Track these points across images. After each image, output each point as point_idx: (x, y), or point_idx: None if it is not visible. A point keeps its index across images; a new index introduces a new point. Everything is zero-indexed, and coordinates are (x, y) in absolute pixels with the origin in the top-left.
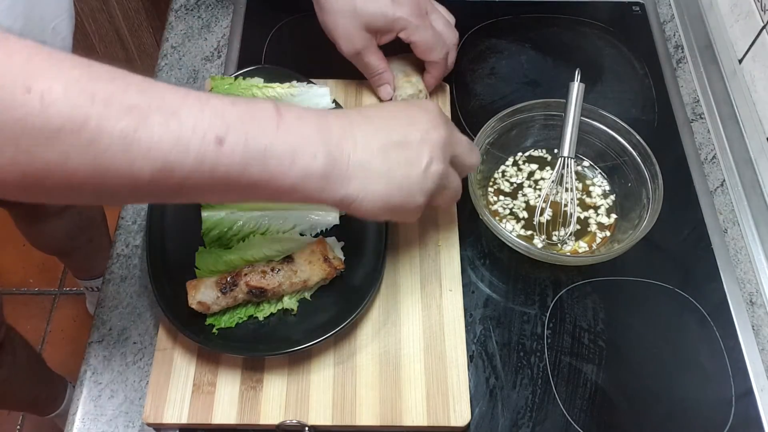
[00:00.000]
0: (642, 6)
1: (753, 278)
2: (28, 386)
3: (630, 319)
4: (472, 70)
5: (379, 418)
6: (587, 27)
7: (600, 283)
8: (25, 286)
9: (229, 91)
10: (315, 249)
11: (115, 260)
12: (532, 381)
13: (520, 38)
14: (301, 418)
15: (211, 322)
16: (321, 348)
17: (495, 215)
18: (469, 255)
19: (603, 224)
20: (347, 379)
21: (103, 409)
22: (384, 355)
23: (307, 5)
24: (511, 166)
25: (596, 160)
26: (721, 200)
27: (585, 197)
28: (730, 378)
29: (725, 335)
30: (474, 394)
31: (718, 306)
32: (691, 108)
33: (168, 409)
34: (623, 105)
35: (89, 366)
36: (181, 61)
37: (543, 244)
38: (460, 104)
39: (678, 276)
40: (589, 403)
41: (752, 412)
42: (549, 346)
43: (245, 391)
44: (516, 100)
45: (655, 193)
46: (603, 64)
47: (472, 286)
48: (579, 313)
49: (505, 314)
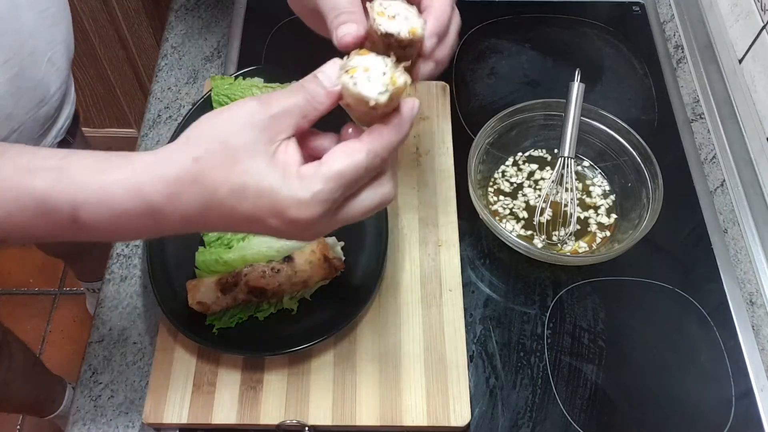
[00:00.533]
0: (642, 6)
1: (753, 278)
2: (26, 388)
3: (630, 319)
4: (472, 70)
5: (379, 418)
6: (587, 27)
7: (600, 283)
8: (25, 286)
9: (229, 90)
10: (315, 249)
11: (115, 260)
12: (532, 381)
13: (520, 38)
14: (301, 418)
15: (211, 322)
16: (321, 348)
17: (495, 215)
18: (469, 255)
19: (603, 224)
20: (347, 379)
21: (103, 409)
22: (384, 355)
23: None
24: (511, 166)
25: (596, 160)
26: (721, 200)
27: (585, 197)
28: (730, 378)
29: (725, 335)
30: (474, 394)
31: (718, 306)
32: (691, 108)
33: (168, 409)
34: (623, 105)
35: (89, 366)
36: (181, 61)
37: (543, 244)
38: (459, 104)
39: (678, 276)
40: (589, 403)
41: (752, 411)
42: (549, 346)
43: (245, 391)
44: (516, 100)
45: (655, 193)
46: (603, 64)
47: (472, 286)
48: (579, 313)
49: (505, 314)
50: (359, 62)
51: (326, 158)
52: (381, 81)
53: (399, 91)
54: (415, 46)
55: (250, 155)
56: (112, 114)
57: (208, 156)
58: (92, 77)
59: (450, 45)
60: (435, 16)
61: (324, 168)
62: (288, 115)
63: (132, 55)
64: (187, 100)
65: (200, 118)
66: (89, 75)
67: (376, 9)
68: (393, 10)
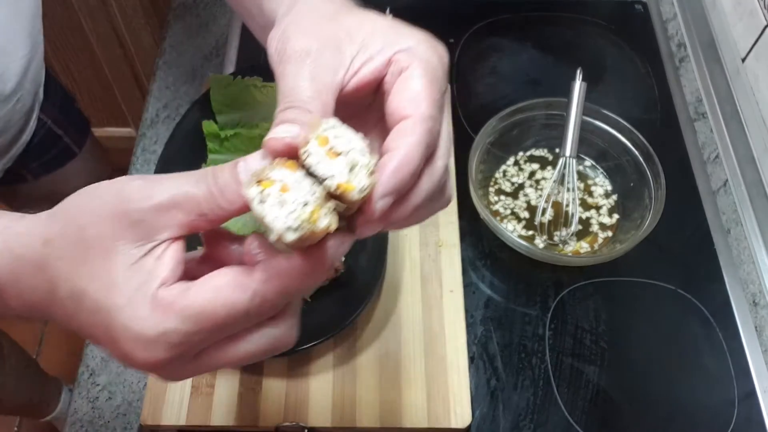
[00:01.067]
0: (644, 4)
1: (756, 279)
2: (21, 390)
3: (632, 320)
4: (473, 69)
5: (379, 419)
6: (589, 25)
7: (602, 283)
8: None
9: (228, 89)
10: None
11: None
12: (533, 382)
13: (522, 37)
14: (300, 420)
15: None
16: (320, 349)
17: (496, 215)
18: (470, 255)
19: (605, 224)
20: (347, 380)
21: (100, 411)
22: (384, 357)
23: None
24: (512, 165)
25: (598, 159)
26: (724, 200)
27: (587, 197)
28: (733, 379)
29: (728, 336)
30: (475, 395)
31: (720, 307)
32: (693, 107)
33: (166, 411)
34: (625, 104)
35: (87, 367)
36: (179, 60)
37: (544, 244)
38: (461, 103)
39: (680, 276)
40: (590, 405)
41: (755, 413)
42: (550, 347)
43: (244, 392)
44: (517, 100)
45: (657, 193)
46: (605, 62)
47: (472, 286)
48: (581, 314)
49: (506, 315)
50: (280, 176)
51: (198, 284)
52: (296, 214)
53: (314, 237)
54: (353, 203)
55: (105, 255)
56: (110, 113)
57: (59, 241)
58: (89, 76)
59: (415, 205)
60: (395, 169)
61: (186, 301)
62: (178, 210)
63: (130, 54)
64: (186, 99)
65: (87, 187)
66: (86, 74)
67: (319, 133)
68: (343, 145)
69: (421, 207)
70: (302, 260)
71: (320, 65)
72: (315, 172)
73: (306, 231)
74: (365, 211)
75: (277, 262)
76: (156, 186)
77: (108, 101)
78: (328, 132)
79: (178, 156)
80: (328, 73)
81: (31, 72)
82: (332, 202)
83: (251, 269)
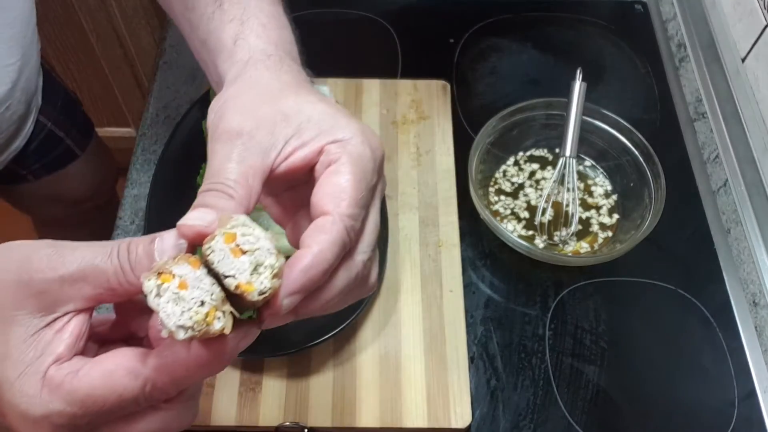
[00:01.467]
0: (644, 4)
1: (756, 279)
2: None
3: (632, 320)
4: (473, 69)
5: (380, 419)
6: (589, 25)
7: (602, 283)
8: None
9: None
10: None
11: None
12: (533, 382)
13: (521, 37)
14: (300, 419)
15: None
16: (320, 349)
17: (496, 215)
18: (470, 255)
19: (605, 224)
20: (347, 380)
21: None
22: (384, 357)
23: (305, 3)
24: (512, 165)
25: (598, 159)
26: (723, 200)
27: (587, 197)
28: (733, 379)
29: (728, 336)
30: (475, 395)
31: (720, 307)
32: (693, 107)
33: None
34: (625, 104)
35: None
36: (179, 60)
37: (544, 244)
38: (460, 103)
39: (680, 277)
40: (590, 405)
41: (755, 413)
42: (550, 347)
43: (244, 392)
44: (517, 100)
45: (657, 193)
46: (605, 62)
47: (472, 286)
48: (581, 314)
49: (506, 315)
50: (181, 272)
51: (90, 366)
52: (190, 314)
53: (208, 336)
54: (253, 304)
55: (3, 323)
56: (110, 113)
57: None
58: (89, 76)
59: (327, 300)
60: (304, 268)
61: (75, 383)
62: (84, 282)
63: (130, 54)
64: (186, 99)
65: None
66: (86, 74)
67: (226, 229)
68: (250, 244)
69: (337, 299)
70: (201, 351)
71: (250, 147)
72: (216, 269)
73: (198, 332)
74: (271, 305)
75: (174, 351)
76: (66, 256)
77: (108, 101)
78: (236, 229)
79: (178, 156)
80: (257, 155)
81: (23, 80)
82: (228, 309)
83: (147, 354)
